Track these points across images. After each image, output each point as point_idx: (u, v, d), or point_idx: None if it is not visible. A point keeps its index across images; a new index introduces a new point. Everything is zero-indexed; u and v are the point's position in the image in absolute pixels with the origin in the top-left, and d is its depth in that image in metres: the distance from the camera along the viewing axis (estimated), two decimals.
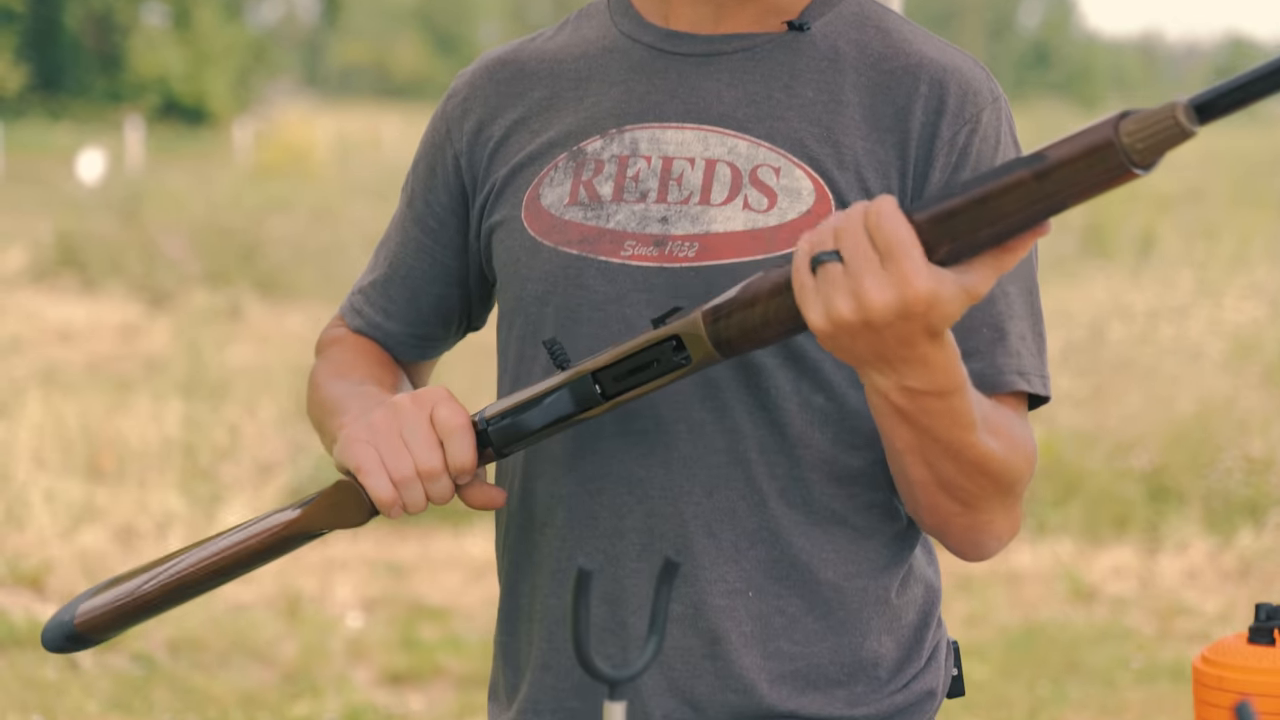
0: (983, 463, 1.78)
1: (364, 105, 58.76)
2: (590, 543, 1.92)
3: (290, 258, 16.74)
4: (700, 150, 1.91)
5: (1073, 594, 7.41)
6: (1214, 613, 7.23)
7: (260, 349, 12.42)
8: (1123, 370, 10.36)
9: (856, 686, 1.92)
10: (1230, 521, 8.18)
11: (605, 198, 1.92)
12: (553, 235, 1.93)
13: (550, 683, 1.97)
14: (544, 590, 1.97)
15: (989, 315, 1.87)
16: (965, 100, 1.89)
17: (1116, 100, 65.51)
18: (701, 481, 1.88)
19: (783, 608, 1.90)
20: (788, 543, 1.89)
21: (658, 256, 1.88)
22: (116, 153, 29.96)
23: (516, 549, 2.00)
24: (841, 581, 1.91)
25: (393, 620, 6.96)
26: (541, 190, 1.96)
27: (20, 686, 6.11)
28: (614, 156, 1.94)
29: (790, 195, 1.87)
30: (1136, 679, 6.48)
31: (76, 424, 9.39)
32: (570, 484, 1.93)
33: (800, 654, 1.90)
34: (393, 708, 6.09)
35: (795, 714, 1.90)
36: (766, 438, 1.88)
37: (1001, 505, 1.85)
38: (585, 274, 1.91)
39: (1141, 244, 16.68)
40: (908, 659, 1.96)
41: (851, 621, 1.91)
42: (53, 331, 13.54)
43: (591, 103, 1.97)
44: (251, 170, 29.76)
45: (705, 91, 1.93)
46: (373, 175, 28.36)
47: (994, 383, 1.87)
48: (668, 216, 1.89)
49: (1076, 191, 1.56)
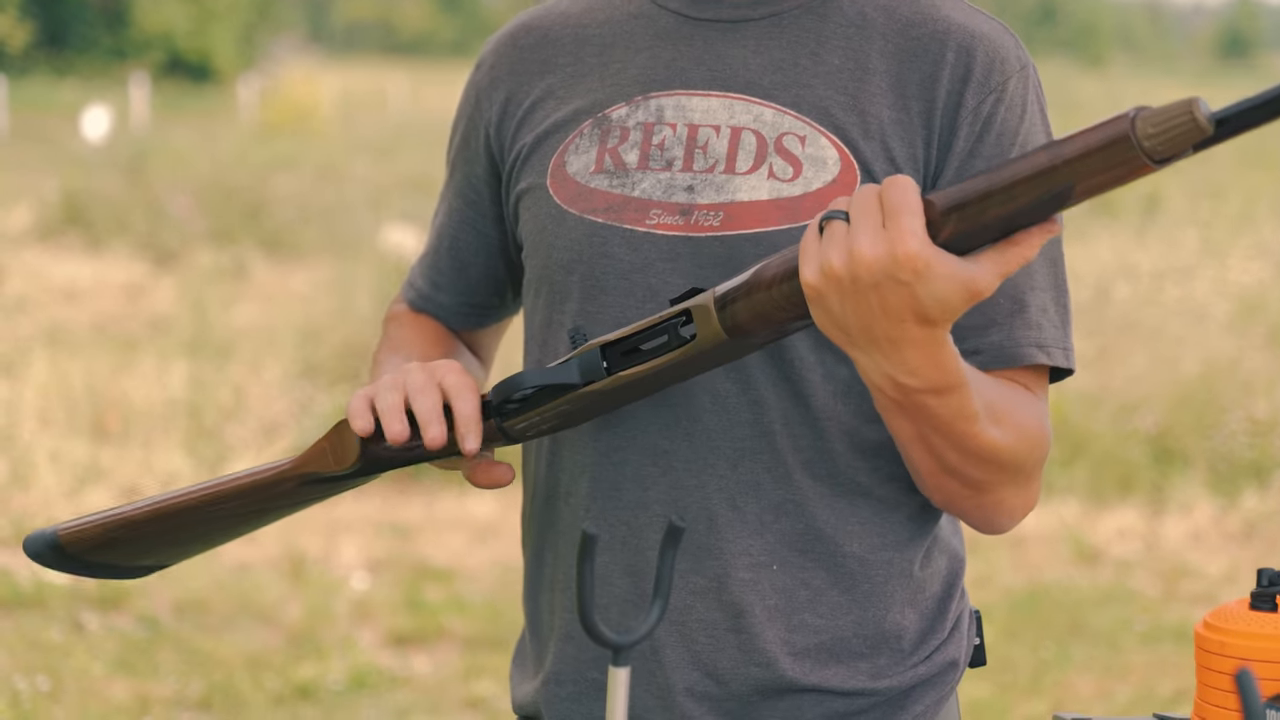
0: (986, 453, 1.77)
1: (369, 62, 58.75)
2: (613, 514, 1.92)
3: (295, 216, 16.73)
4: (726, 118, 1.90)
5: (1077, 556, 7.43)
6: (1218, 575, 7.24)
7: (266, 308, 12.42)
8: (1128, 331, 10.36)
9: (879, 659, 1.92)
10: (1235, 483, 8.19)
11: (631, 166, 1.91)
12: (578, 203, 1.93)
13: (572, 653, 1.97)
14: (566, 559, 1.96)
15: (1008, 286, 1.86)
16: (992, 68, 1.88)
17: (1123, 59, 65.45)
18: (726, 454, 1.88)
19: (807, 580, 1.89)
20: (812, 515, 1.89)
21: (683, 225, 1.87)
22: (121, 110, 29.94)
23: (541, 517, 2.00)
24: (866, 554, 1.90)
25: (397, 582, 6.97)
26: (567, 157, 1.95)
27: (25, 648, 6.13)
28: (639, 124, 1.93)
29: (815, 164, 1.86)
30: (1140, 641, 6.49)
31: (82, 384, 9.40)
32: (594, 454, 1.93)
33: (825, 627, 1.90)
34: (397, 669, 6.11)
35: (819, 687, 1.90)
36: (791, 410, 1.87)
37: (1012, 486, 1.84)
38: (611, 242, 1.90)
39: (1147, 204, 16.67)
40: (931, 630, 1.96)
41: (876, 594, 1.91)
42: (58, 290, 13.53)
43: (617, 69, 1.96)
44: (256, 128, 29.75)
45: (731, 59, 1.92)
46: (378, 133, 28.40)
47: (1012, 355, 1.87)
48: (693, 185, 1.88)
49: (1090, 183, 1.55)
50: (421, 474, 8.27)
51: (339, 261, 13.98)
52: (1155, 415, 8.68)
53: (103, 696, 5.74)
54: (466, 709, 5.81)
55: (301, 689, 5.85)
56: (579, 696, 1.97)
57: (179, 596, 6.67)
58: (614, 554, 1.92)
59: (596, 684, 1.95)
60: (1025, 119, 1.88)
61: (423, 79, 47.01)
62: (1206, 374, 9.01)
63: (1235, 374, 9.19)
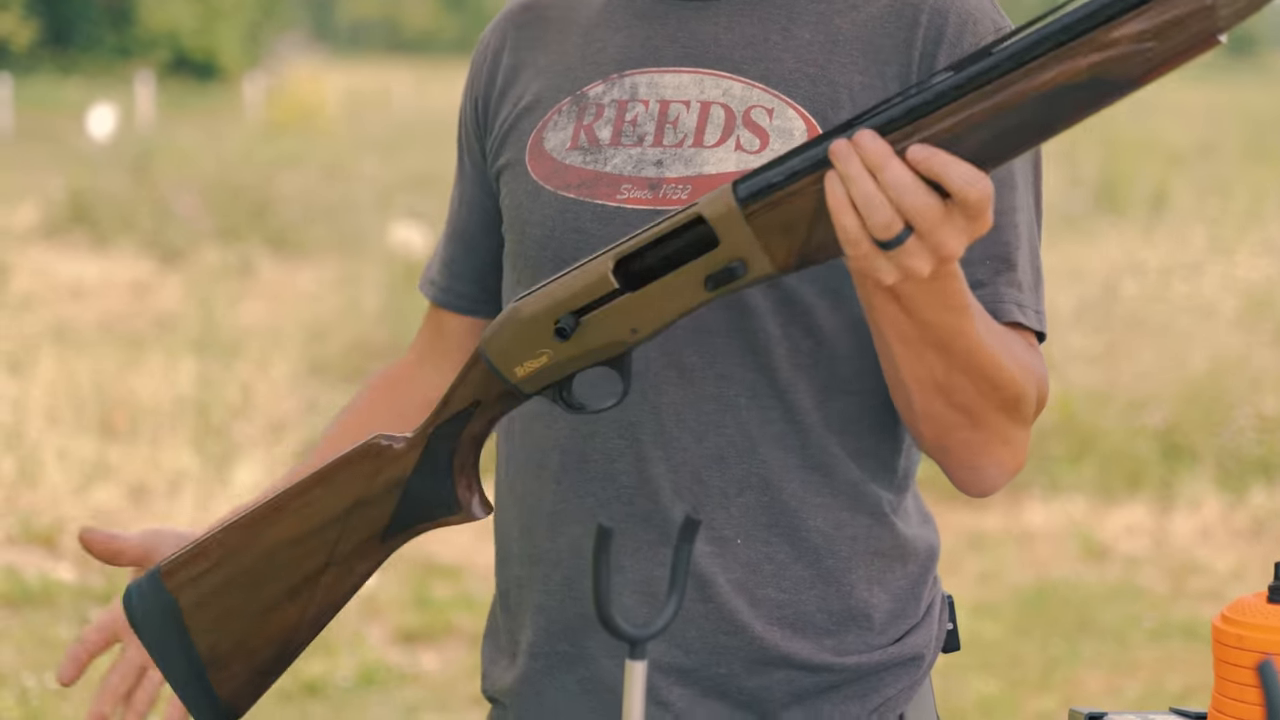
0: (977, 356, 1.75)
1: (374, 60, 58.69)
2: (582, 486, 1.92)
3: (302, 214, 16.74)
4: (696, 93, 1.92)
5: (1085, 552, 7.42)
6: (1226, 571, 7.24)
7: (272, 306, 12.43)
8: (1136, 328, 10.35)
9: (846, 635, 1.92)
10: (1243, 480, 8.19)
11: (604, 142, 1.93)
12: (553, 179, 1.95)
13: (543, 625, 1.97)
14: (539, 533, 1.97)
15: (997, 246, 1.86)
16: (964, 30, 1.87)
17: None
18: (690, 427, 1.88)
19: (771, 555, 1.89)
20: (778, 489, 1.89)
21: (652, 199, 1.89)
22: (127, 109, 29.93)
23: (513, 490, 2.00)
24: (831, 530, 1.90)
25: (405, 579, 6.97)
26: (545, 134, 1.98)
27: (33, 645, 6.13)
28: (614, 101, 1.95)
29: (783, 135, 1.87)
30: (1149, 638, 6.49)
31: (89, 382, 9.40)
32: (564, 428, 1.93)
33: (787, 601, 1.90)
34: (406, 666, 6.11)
35: (788, 657, 1.90)
36: (756, 382, 1.88)
37: (1006, 423, 1.82)
38: (582, 217, 1.92)
39: (1154, 200, 16.66)
40: (902, 613, 1.95)
41: (841, 570, 1.90)
42: (64, 288, 13.55)
43: (597, 48, 1.99)
44: (262, 126, 29.75)
45: (704, 35, 1.94)
46: (383, 131, 28.39)
47: (995, 310, 1.85)
48: (662, 160, 1.90)
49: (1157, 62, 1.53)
50: None
51: (346, 260, 14.00)
52: (1163, 412, 8.68)
53: None
54: (475, 705, 5.80)
55: (310, 686, 5.85)
56: (549, 670, 1.97)
57: None
58: (582, 527, 1.92)
59: (566, 656, 1.95)
60: None
61: (427, 77, 47.00)
62: (1215, 370, 9.01)
63: (1243, 370, 9.18)
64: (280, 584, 1.85)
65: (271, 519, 1.85)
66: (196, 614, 1.86)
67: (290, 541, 1.85)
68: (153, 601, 1.85)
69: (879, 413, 1.91)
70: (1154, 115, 25.66)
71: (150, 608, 1.86)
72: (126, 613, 1.88)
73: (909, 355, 1.76)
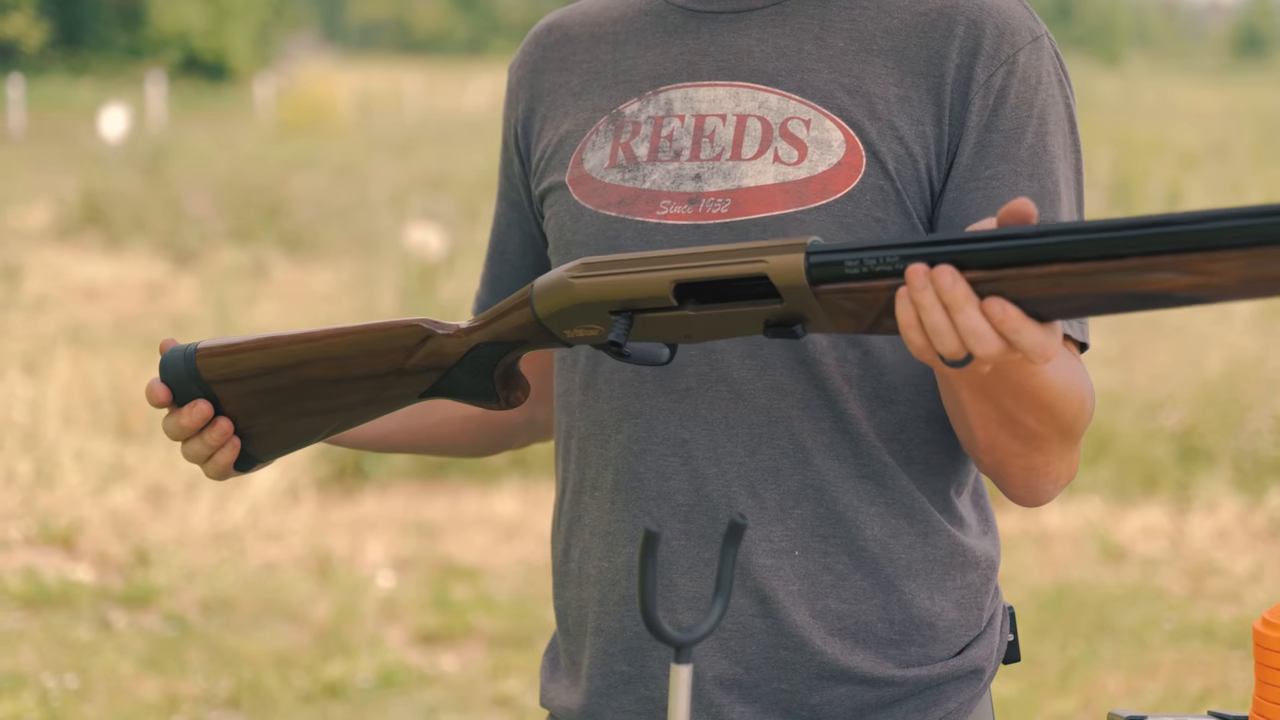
0: (1042, 395, 1.74)
1: (384, 61, 58.75)
2: (636, 505, 1.93)
3: (315, 215, 16.75)
4: (731, 106, 1.92)
5: (1103, 554, 7.41)
6: (1244, 573, 7.22)
7: (287, 307, 12.43)
8: (1152, 329, 10.35)
9: (909, 647, 1.92)
10: (1260, 481, 8.18)
11: (641, 158, 1.94)
12: (594, 199, 1.95)
13: (602, 646, 1.98)
14: (595, 553, 1.98)
15: None
16: (1001, 40, 1.87)
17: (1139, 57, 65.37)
18: (744, 441, 1.89)
19: (830, 565, 1.90)
20: (833, 499, 1.89)
21: (691, 214, 1.89)
22: (138, 109, 29.96)
23: (570, 511, 2.01)
24: (888, 538, 1.90)
25: (423, 580, 6.97)
26: (585, 154, 1.99)
27: (53, 646, 6.13)
28: (650, 118, 1.96)
29: (820, 147, 1.87)
30: (1168, 639, 6.48)
31: (105, 383, 9.41)
32: (616, 446, 1.94)
33: (849, 612, 1.90)
34: (426, 668, 6.11)
35: (849, 671, 1.90)
36: (808, 394, 1.88)
37: (1061, 446, 1.83)
38: (623, 235, 1.92)
39: (1168, 200, 16.65)
40: (964, 623, 1.95)
41: (899, 578, 1.91)
42: (78, 290, 13.56)
43: (629, 66, 2.00)
44: (274, 127, 29.77)
45: (737, 48, 1.94)
46: (395, 132, 28.40)
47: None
48: (700, 174, 1.90)
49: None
50: (446, 473, 8.28)
51: (360, 261, 13.99)
52: (1180, 413, 8.67)
53: (132, 695, 5.74)
54: (495, 707, 5.81)
55: (330, 687, 5.85)
56: (608, 690, 1.98)
57: (206, 595, 6.68)
58: (637, 546, 1.92)
59: (625, 677, 1.96)
60: (1040, 90, 1.88)
61: (438, 78, 47.07)
62: (1231, 372, 9.01)
63: (1260, 372, 9.18)
64: (314, 403, 1.92)
65: (308, 358, 1.90)
66: (228, 398, 1.93)
67: (327, 381, 1.90)
68: (185, 373, 1.94)
69: (929, 421, 1.91)
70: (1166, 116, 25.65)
71: (183, 377, 1.94)
72: (161, 374, 1.94)
73: (971, 399, 1.77)
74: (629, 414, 1.93)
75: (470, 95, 36.91)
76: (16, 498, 7.76)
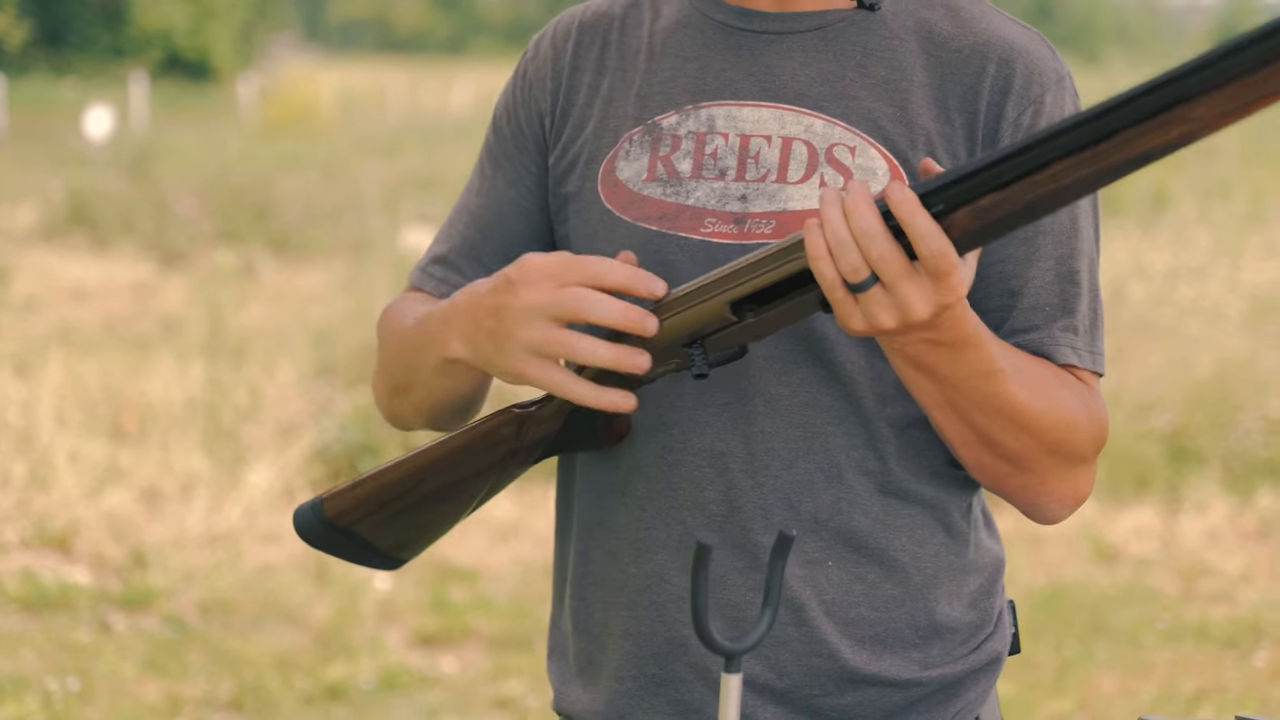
0: (1014, 414, 1.83)
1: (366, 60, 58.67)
2: (669, 514, 1.96)
3: (302, 216, 16.74)
4: (777, 129, 1.94)
5: (1095, 554, 7.45)
6: (1235, 573, 7.27)
7: (276, 309, 12.42)
8: (1142, 331, 10.38)
9: (931, 649, 1.98)
10: (1249, 482, 8.23)
11: (684, 174, 1.96)
12: (631, 210, 1.97)
13: (630, 650, 2.00)
14: (623, 558, 2.00)
15: (1055, 294, 1.92)
16: (1030, 81, 1.92)
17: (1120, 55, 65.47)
18: (780, 455, 1.93)
19: (862, 575, 1.95)
20: (864, 512, 1.94)
21: (737, 234, 1.92)
22: (121, 109, 29.90)
23: (589, 514, 2.03)
24: (916, 548, 1.96)
25: (421, 582, 6.99)
26: (618, 163, 1.99)
27: (54, 649, 6.15)
28: (691, 133, 1.97)
29: (865, 174, 1.91)
30: (1162, 639, 6.52)
31: (97, 384, 9.41)
32: (649, 455, 1.97)
33: (879, 619, 1.95)
34: (426, 670, 6.13)
35: (878, 677, 1.96)
36: (843, 411, 1.93)
37: (1052, 465, 1.89)
38: (666, 250, 1.94)
39: (1154, 202, 16.68)
40: (979, 623, 2.02)
41: (926, 587, 1.97)
42: (66, 290, 13.54)
43: (666, 77, 2.00)
44: (258, 126, 29.73)
45: (780, 70, 1.96)
46: (380, 131, 28.36)
47: (1051, 353, 1.93)
48: (746, 194, 1.93)
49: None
50: None
51: (348, 261, 13.99)
52: (1170, 414, 8.71)
53: (134, 697, 5.76)
54: (496, 709, 5.83)
55: (332, 689, 5.87)
56: (639, 693, 2.01)
57: (204, 597, 6.70)
58: (670, 554, 1.97)
59: (655, 679, 2.00)
60: None
61: (420, 77, 46.99)
62: (1221, 373, 9.04)
63: (1250, 373, 9.21)
64: (445, 506, 2.02)
65: (423, 474, 2.00)
66: (366, 531, 2.05)
67: (450, 485, 1.99)
68: (320, 525, 2.06)
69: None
70: None
71: (318, 529, 2.07)
72: (299, 534, 2.07)
73: (944, 419, 1.85)
74: (663, 424, 1.96)
75: (455, 95, 36.90)
76: (11, 500, 7.76)
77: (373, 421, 8.30)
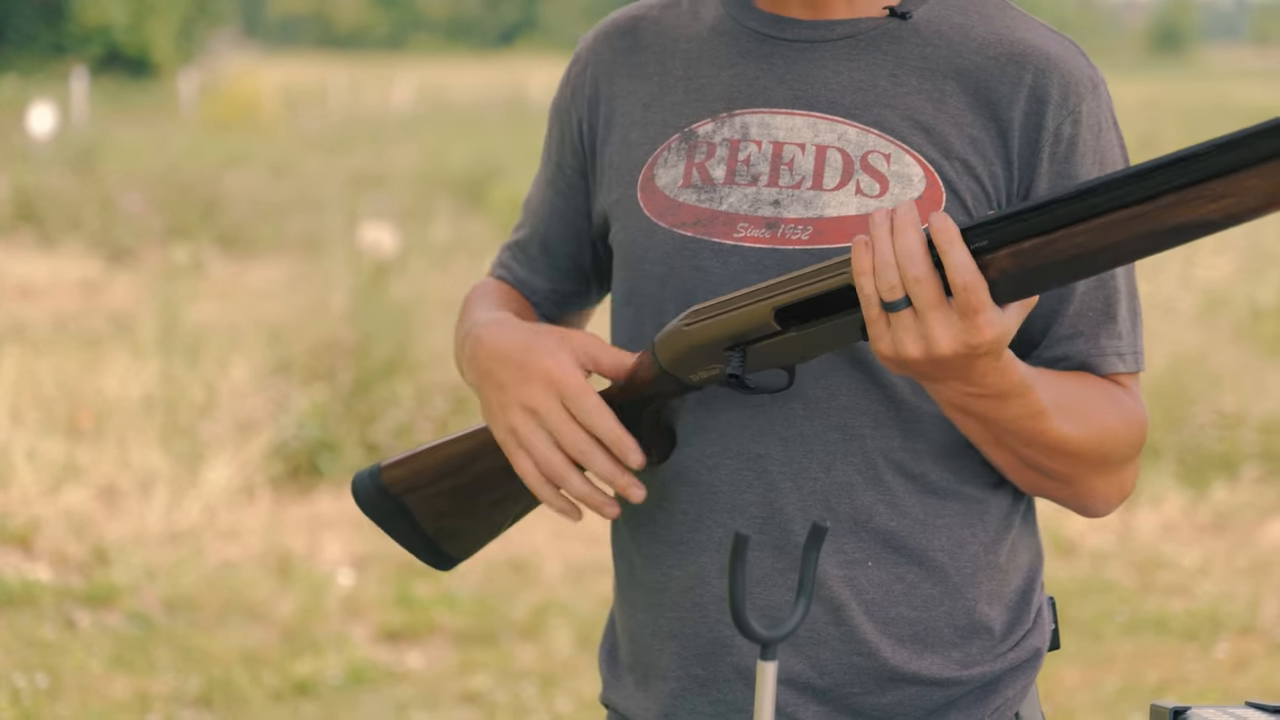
0: (1059, 446, 1.88)
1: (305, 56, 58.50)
2: (710, 517, 1.99)
3: (251, 212, 16.69)
4: (810, 136, 1.96)
5: (1053, 547, 7.51)
6: (1192, 566, 7.34)
7: (228, 305, 12.37)
8: None
9: (970, 648, 2.00)
10: (1203, 475, 8.30)
11: (718, 181, 1.98)
12: (667, 217, 1.99)
13: (676, 650, 2.03)
14: (666, 561, 2.03)
15: (1099, 299, 1.96)
16: (1068, 91, 1.94)
17: None
18: (819, 457, 1.95)
19: (901, 575, 1.97)
20: (903, 513, 1.96)
21: (770, 239, 1.94)
22: (63, 106, 29.71)
23: (632, 518, 2.06)
24: (954, 548, 1.98)
25: (384, 578, 7.00)
26: (656, 171, 2.02)
27: (21, 646, 6.13)
28: (725, 140, 1.99)
29: (902, 181, 1.92)
30: (1122, 631, 6.58)
31: (51, 381, 9.36)
32: (689, 459, 1.99)
33: (919, 619, 1.98)
34: (393, 665, 6.14)
35: (917, 675, 1.98)
36: (881, 413, 1.95)
37: (1100, 475, 1.94)
38: (700, 255, 1.96)
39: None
40: (1018, 620, 2.03)
41: (965, 586, 1.99)
42: (14, 288, 13.47)
43: (702, 84, 2.02)
44: (200, 123, 29.61)
45: (813, 78, 1.97)
46: (323, 127, 28.30)
47: (1096, 365, 1.96)
48: (780, 200, 1.95)
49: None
50: None
51: (297, 257, 13.96)
52: None
53: (103, 694, 5.75)
54: (463, 703, 5.85)
55: (300, 685, 5.88)
56: (683, 693, 2.03)
57: (168, 594, 6.69)
58: (710, 556, 1.99)
59: (699, 680, 2.02)
60: (1101, 137, 1.96)
61: (361, 73, 46.89)
62: (1174, 368, 9.11)
63: (1203, 368, 9.28)
64: (493, 493, 2.06)
65: (479, 453, 2.03)
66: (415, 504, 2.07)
67: (500, 469, 2.02)
68: (374, 490, 2.09)
69: None
70: None
71: (373, 495, 2.09)
72: (355, 498, 2.10)
73: (992, 452, 1.91)
74: (701, 428, 1.98)
75: (397, 92, 36.84)
76: None
77: (331, 418, 8.32)
